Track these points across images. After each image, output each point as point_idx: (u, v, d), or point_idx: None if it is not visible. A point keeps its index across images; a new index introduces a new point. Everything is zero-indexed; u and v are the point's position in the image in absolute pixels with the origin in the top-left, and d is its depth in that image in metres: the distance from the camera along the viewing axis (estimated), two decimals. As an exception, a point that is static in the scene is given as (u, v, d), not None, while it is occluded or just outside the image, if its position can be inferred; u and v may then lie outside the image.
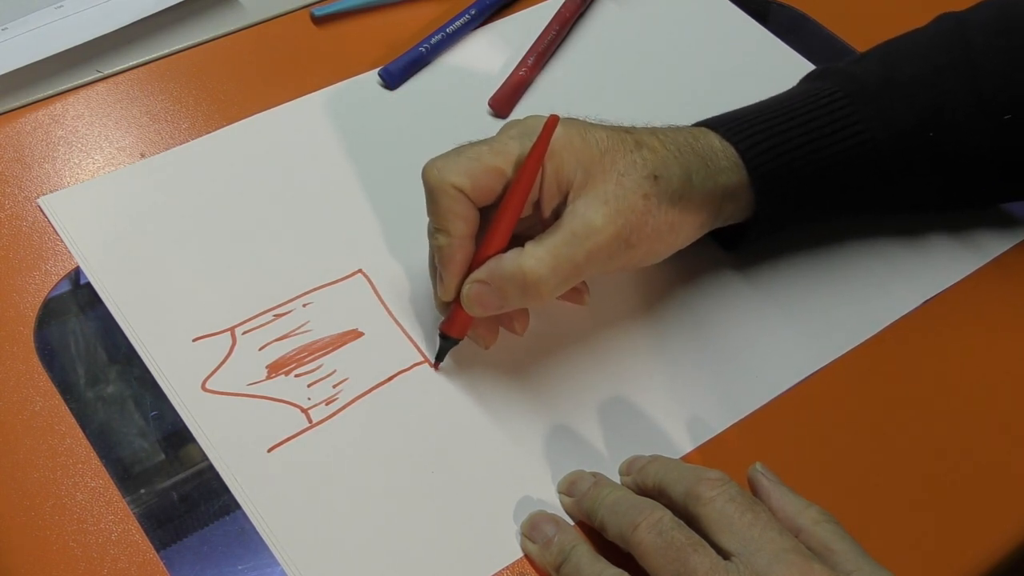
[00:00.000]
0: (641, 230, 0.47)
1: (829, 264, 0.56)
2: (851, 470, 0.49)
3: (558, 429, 0.49)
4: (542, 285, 0.46)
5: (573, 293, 0.50)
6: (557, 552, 0.43)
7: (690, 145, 0.50)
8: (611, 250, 0.47)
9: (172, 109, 0.60)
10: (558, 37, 0.66)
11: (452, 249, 0.47)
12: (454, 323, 0.49)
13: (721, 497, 0.41)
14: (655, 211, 0.47)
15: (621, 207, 0.46)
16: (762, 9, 0.70)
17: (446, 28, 0.65)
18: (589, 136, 0.47)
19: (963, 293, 0.56)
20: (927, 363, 0.53)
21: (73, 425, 0.47)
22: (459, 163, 0.46)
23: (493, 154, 0.47)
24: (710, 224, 0.51)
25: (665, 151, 0.49)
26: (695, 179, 0.49)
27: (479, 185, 0.46)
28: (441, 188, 0.46)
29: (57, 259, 0.53)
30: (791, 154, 0.51)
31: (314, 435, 0.47)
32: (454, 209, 0.46)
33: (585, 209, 0.46)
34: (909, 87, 0.53)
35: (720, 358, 0.52)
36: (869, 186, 0.53)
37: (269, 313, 0.51)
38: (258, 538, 0.44)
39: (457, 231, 0.46)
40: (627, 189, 0.47)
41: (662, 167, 0.48)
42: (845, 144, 0.52)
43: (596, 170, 0.47)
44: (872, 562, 0.41)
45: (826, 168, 0.52)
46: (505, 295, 0.46)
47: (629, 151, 0.48)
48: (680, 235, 0.49)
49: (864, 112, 0.52)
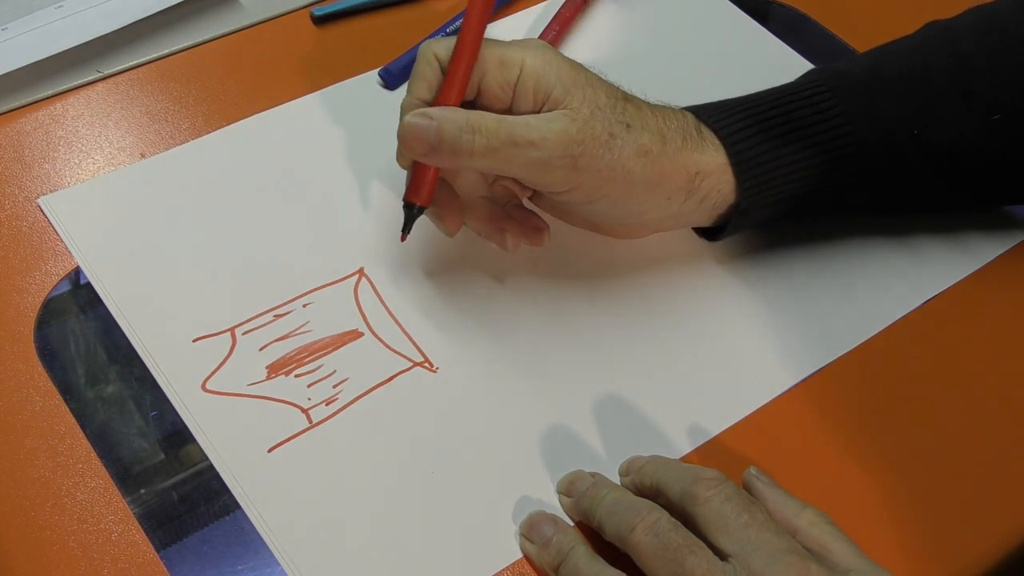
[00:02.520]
0: (593, 160, 0.47)
1: (828, 266, 0.56)
2: (850, 470, 0.49)
3: (558, 429, 0.49)
4: (477, 136, 0.46)
5: (532, 231, 0.51)
6: (556, 552, 0.43)
7: (675, 117, 0.51)
8: (554, 155, 0.47)
9: (172, 109, 0.60)
10: (558, 37, 0.66)
11: (408, 108, 0.48)
12: (414, 189, 0.49)
13: (718, 497, 0.41)
14: (616, 152, 0.48)
15: (583, 128, 0.47)
16: (762, 9, 0.70)
17: (446, 28, 0.65)
18: (581, 70, 0.49)
19: (962, 294, 0.56)
20: (925, 364, 0.53)
21: (73, 425, 0.47)
22: (446, 39, 0.49)
23: None
24: (681, 199, 0.50)
25: (648, 112, 0.50)
26: (669, 146, 0.49)
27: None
28: (422, 54, 0.49)
29: (57, 259, 0.53)
30: (772, 142, 0.51)
31: (314, 435, 0.48)
32: (424, 72, 0.49)
33: (551, 114, 0.47)
34: (895, 83, 0.53)
35: (719, 359, 0.52)
36: (848, 182, 0.53)
37: (269, 313, 0.51)
38: (258, 538, 0.44)
39: (418, 92, 0.49)
40: (598, 120, 0.47)
41: (639, 121, 0.49)
42: (827, 136, 0.52)
43: (576, 94, 0.48)
44: (869, 561, 0.41)
45: (808, 157, 0.52)
46: (441, 134, 0.46)
47: (615, 98, 0.49)
48: (639, 194, 0.49)
49: (847, 105, 0.52)
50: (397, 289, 0.53)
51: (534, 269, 0.54)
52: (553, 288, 0.54)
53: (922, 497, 0.48)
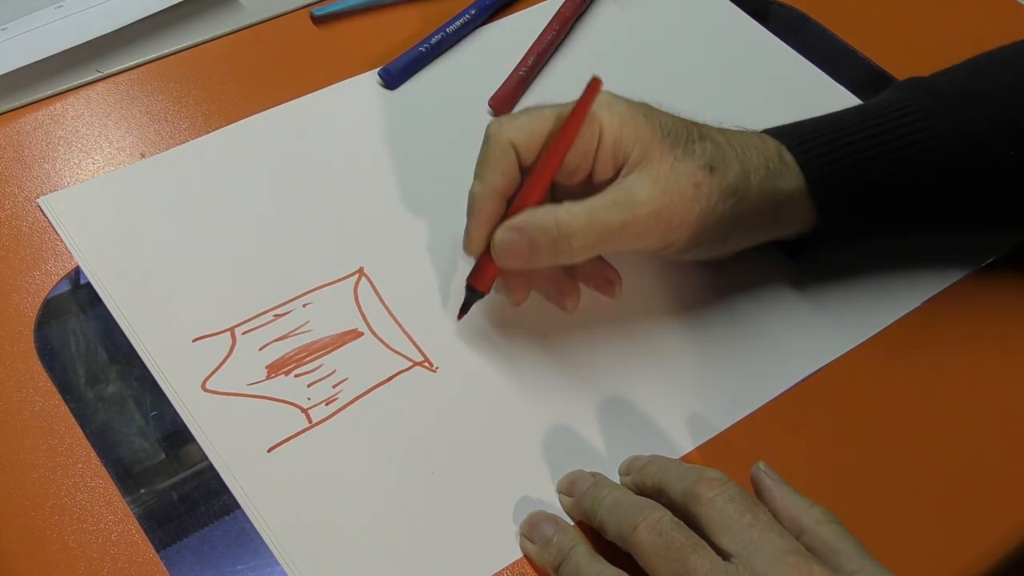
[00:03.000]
0: (685, 215, 0.47)
1: (828, 265, 0.56)
2: (851, 470, 0.49)
3: (558, 429, 0.49)
4: (573, 239, 0.46)
5: (605, 284, 0.51)
6: (556, 552, 0.43)
7: (755, 146, 0.50)
8: (648, 225, 0.47)
9: (172, 109, 0.60)
10: (558, 37, 0.66)
11: (482, 199, 0.47)
12: (480, 275, 0.49)
13: (720, 497, 0.41)
14: (704, 201, 0.47)
15: (669, 188, 0.47)
16: (762, 9, 0.70)
17: (446, 28, 0.65)
18: (653, 118, 0.48)
19: (963, 294, 0.56)
20: (927, 363, 0.53)
21: (73, 425, 0.47)
22: (521, 120, 0.48)
23: (555, 117, 0.47)
24: (766, 228, 0.50)
25: (728, 147, 0.49)
26: (753, 179, 0.48)
27: (533, 144, 0.47)
28: (496, 138, 0.47)
29: (57, 259, 0.53)
30: (856, 166, 0.50)
31: (314, 435, 0.47)
32: (498, 160, 0.47)
33: (633, 182, 0.47)
34: (990, 97, 0.51)
35: (720, 359, 0.52)
36: (935, 198, 0.51)
37: (269, 313, 0.51)
38: (258, 538, 0.44)
39: (492, 182, 0.47)
40: (680, 173, 0.47)
41: (720, 160, 0.48)
42: (912, 151, 0.50)
43: (653, 150, 0.47)
44: (875, 563, 0.41)
45: (891, 179, 0.50)
46: (536, 246, 0.46)
47: (692, 140, 0.48)
48: (729, 232, 0.49)
49: (935, 121, 0.51)
50: (397, 289, 0.53)
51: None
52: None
53: (923, 497, 0.48)
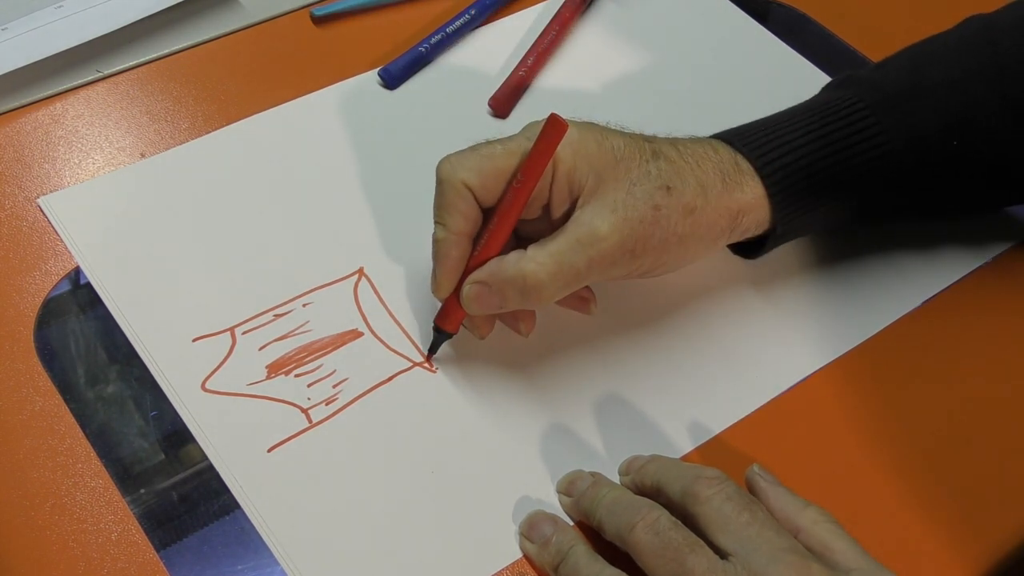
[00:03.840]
0: (647, 241, 0.47)
1: (828, 264, 0.56)
2: (851, 470, 0.49)
3: (558, 429, 0.49)
4: (543, 290, 0.46)
5: (579, 302, 0.50)
6: (555, 552, 0.43)
7: (708, 157, 0.49)
8: (614, 258, 0.46)
9: (172, 109, 0.60)
10: (558, 37, 0.66)
11: (447, 245, 0.47)
12: (447, 317, 0.49)
13: (718, 496, 0.41)
14: (664, 223, 0.47)
15: (629, 216, 0.46)
16: (762, 9, 0.70)
17: (446, 28, 0.65)
18: (605, 142, 0.47)
19: (963, 293, 0.56)
20: (927, 363, 0.53)
21: (73, 425, 0.47)
22: (471, 160, 0.46)
23: (507, 154, 0.46)
24: (724, 238, 0.50)
25: (683, 162, 0.48)
26: (710, 193, 0.48)
27: (486, 183, 0.46)
28: (449, 182, 0.46)
29: (57, 259, 0.53)
30: (810, 168, 0.50)
31: (314, 435, 0.47)
32: (456, 205, 0.46)
33: (592, 216, 0.46)
34: (935, 93, 0.51)
35: (720, 358, 0.52)
36: (889, 196, 0.52)
37: (269, 313, 0.51)
38: (258, 538, 0.44)
39: (455, 226, 0.46)
40: (637, 199, 0.46)
41: (677, 179, 0.47)
42: (865, 156, 0.51)
43: (608, 177, 0.46)
44: (872, 560, 0.41)
45: (845, 180, 0.51)
46: (505, 297, 0.47)
47: (645, 160, 0.47)
48: (689, 249, 0.49)
49: (886, 122, 0.51)
50: (397, 289, 0.53)
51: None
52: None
53: (923, 497, 0.48)
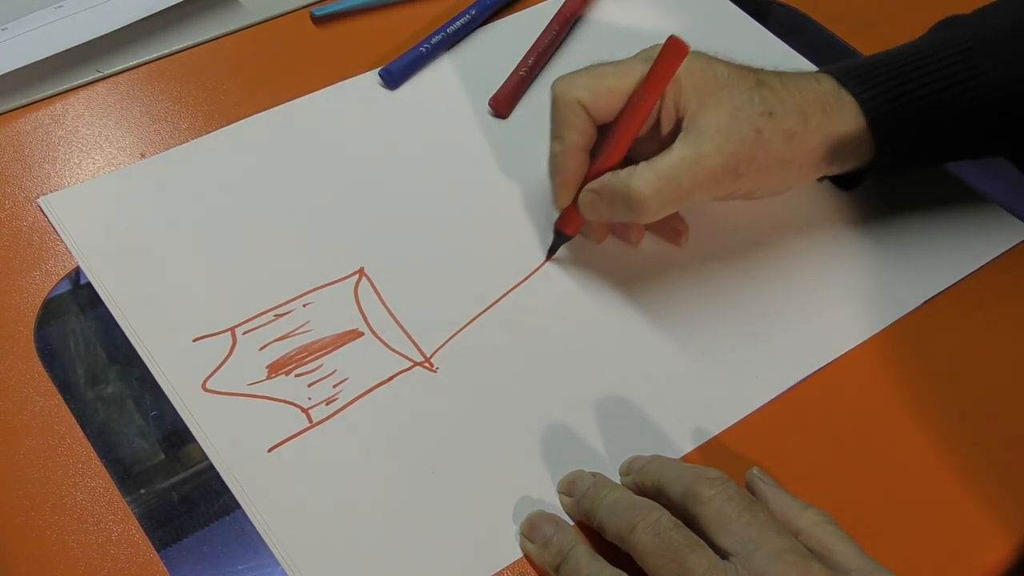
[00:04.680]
0: (750, 163, 0.49)
1: (828, 266, 0.56)
2: (851, 470, 0.49)
3: (558, 429, 0.49)
4: (646, 204, 0.48)
5: (672, 233, 0.55)
6: (556, 552, 0.43)
7: (811, 88, 0.51)
8: (717, 177, 0.49)
9: (172, 109, 0.60)
10: (558, 37, 0.66)
11: (563, 157, 0.51)
12: (567, 221, 0.53)
13: (719, 496, 0.41)
14: (766, 146, 0.49)
15: (732, 137, 0.48)
16: (762, 9, 0.70)
17: (446, 28, 0.65)
18: (710, 69, 0.50)
19: (963, 293, 0.56)
20: (927, 363, 0.53)
21: (73, 425, 0.47)
22: (583, 79, 0.50)
23: (618, 75, 0.50)
24: (825, 166, 0.52)
25: (785, 91, 0.50)
26: (811, 122, 0.50)
27: (599, 101, 0.50)
28: (563, 99, 0.50)
29: (57, 259, 0.53)
30: (912, 103, 0.51)
31: (314, 435, 0.47)
32: (570, 119, 0.50)
33: (696, 136, 0.48)
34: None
35: (720, 358, 0.52)
36: (989, 136, 0.53)
37: (269, 313, 0.51)
38: (258, 538, 0.44)
39: (570, 140, 0.50)
40: (740, 122, 0.48)
41: (779, 105, 0.49)
42: (967, 95, 0.52)
43: (712, 101, 0.49)
44: (872, 561, 0.41)
45: (948, 118, 0.52)
46: (614, 207, 0.50)
47: (748, 88, 0.50)
48: (791, 172, 0.51)
49: (993, 59, 0.52)
50: (397, 289, 0.53)
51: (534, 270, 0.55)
52: (553, 288, 0.54)
53: (923, 497, 0.48)
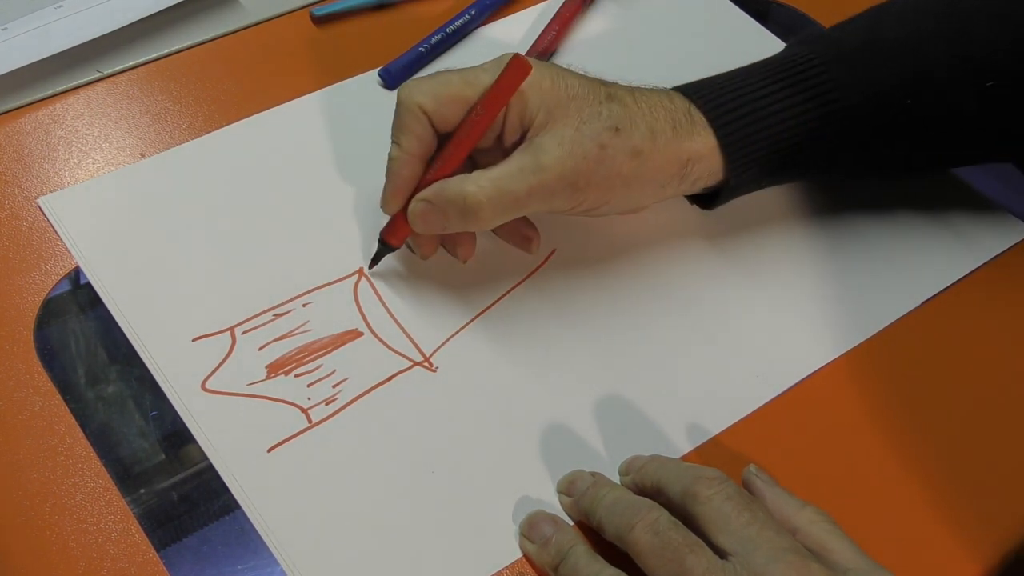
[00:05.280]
0: (590, 177, 0.48)
1: (827, 266, 0.56)
2: (850, 470, 0.49)
3: (558, 429, 0.49)
4: (480, 211, 0.48)
5: (522, 240, 0.53)
6: (555, 552, 0.43)
7: (662, 105, 0.51)
8: (554, 189, 0.48)
9: (172, 109, 0.60)
10: (558, 37, 0.66)
11: (399, 163, 0.49)
12: (393, 231, 0.51)
13: (718, 496, 0.41)
14: (608, 162, 0.48)
15: (574, 151, 0.48)
16: (762, 9, 0.70)
17: (446, 28, 0.65)
18: (559, 80, 0.49)
19: (963, 293, 0.56)
20: (927, 363, 0.53)
21: (73, 425, 0.47)
22: (428, 85, 0.49)
23: (463, 83, 0.49)
24: (675, 185, 0.51)
25: (635, 107, 0.50)
26: (659, 139, 0.49)
27: (441, 109, 0.48)
28: (405, 104, 0.49)
29: (57, 259, 0.53)
30: (762, 122, 0.51)
31: (314, 435, 0.48)
32: (410, 125, 0.49)
33: (537, 147, 0.48)
34: (891, 50, 0.52)
35: (719, 358, 0.52)
36: (842, 152, 0.53)
37: (269, 313, 0.51)
38: (258, 538, 0.44)
39: (408, 146, 0.49)
40: (584, 135, 0.48)
41: (627, 121, 0.49)
42: (819, 112, 0.51)
43: (559, 113, 0.48)
44: (869, 560, 0.41)
45: (798, 134, 0.52)
46: (447, 216, 0.49)
47: (598, 102, 0.49)
48: (635, 190, 0.50)
49: (840, 78, 0.52)
50: (397, 289, 0.53)
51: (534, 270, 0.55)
52: (553, 288, 0.54)
53: (922, 497, 0.48)
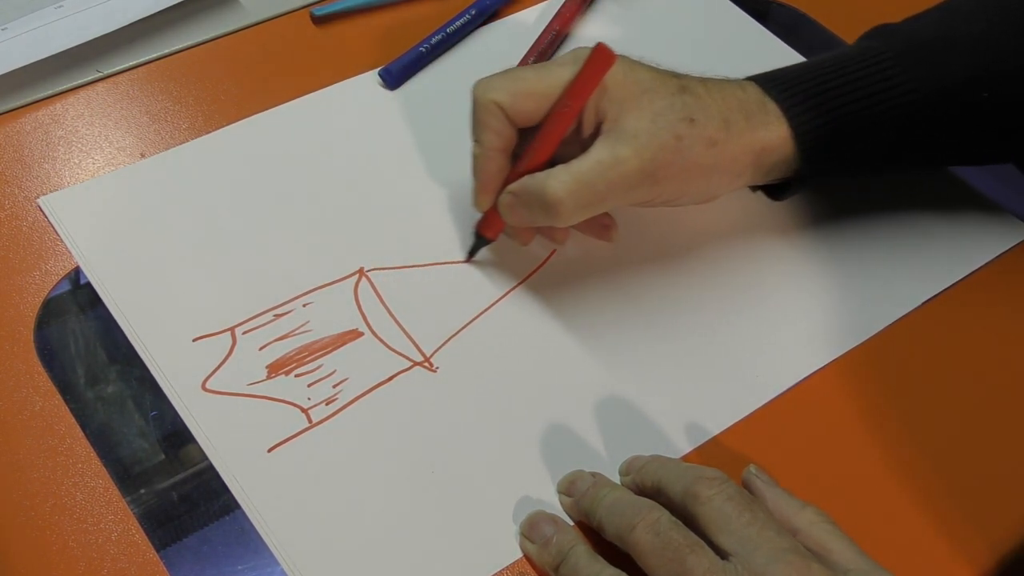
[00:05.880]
0: (669, 168, 0.49)
1: (829, 264, 0.56)
2: (850, 470, 0.49)
3: (558, 429, 0.49)
4: (560, 207, 0.48)
5: (600, 229, 0.53)
6: (556, 552, 0.43)
7: (735, 96, 0.51)
8: (633, 182, 0.48)
9: (172, 109, 0.60)
10: (558, 37, 0.66)
11: (483, 160, 0.50)
12: (487, 224, 0.53)
13: (719, 496, 0.41)
14: (686, 152, 0.49)
15: (651, 143, 0.48)
16: (762, 9, 0.70)
17: (446, 28, 0.65)
18: (632, 74, 0.49)
19: (963, 293, 0.56)
20: (927, 363, 0.53)
21: (73, 425, 0.47)
22: (502, 81, 0.50)
23: (537, 79, 0.50)
24: (749, 175, 0.52)
25: (708, 98, 0.50)
26: (733, 129, 0.50)
27: (517, 104, 0.49)
28: (481, 101, 0.50)
29: (57, 259, 0.53)
30: (835, 112, 0.51)
31: (314, 435, 0.47)
32: (489, 122, 0.50)
33: (615, 140, 0.48)
34: (963, 44, 0.53)
35: (720, 358, 0.52)
36: (914, 144, 0.53)
37: (269, 313, 0.51)
38: (258, 538, 0.44)
39: (488, 143, 0.50)
40: (660, 127, 0.48)
41: (701, 112, 0.49)
42: (892, 103, 0.52)
43: (632, 106, 0.49)
44: (870, 561, 0.41)
45: (872, 126, 0.52)
46: (531, 211, 0.49)
47: (671, 93, 0.49)
48: (712, 180, 0.51)
49: (912, 71, 0.52)
50: (397, 289, 0.53)
51: (534, 270, 0.55)
52: (553, 288, 0.54)
53: (922, 497, 0.48)
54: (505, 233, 0.53)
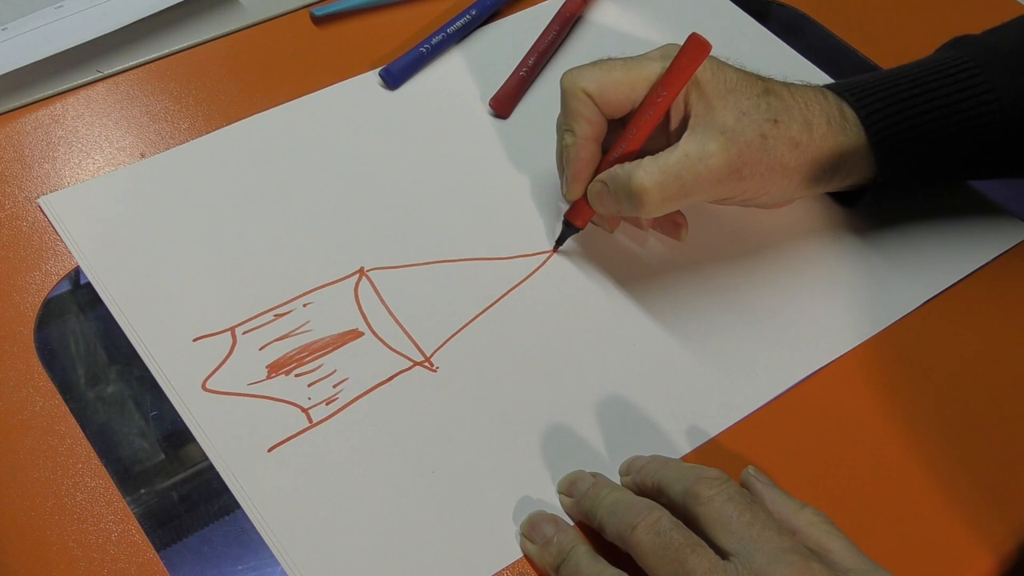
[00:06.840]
0: (755, 166, 0.49)
1: (829, 264, 0.56)
2: (850, 471, 0.49)
3: (558, 429, 0.49)
4: (647, 197, 0.49)
5: (672, 227, 0.54)
6: (556, 552, 0.43)
7: (817, 101, 0.52)
8: (720, 177, 0.49)
9: (172, 109, 0.60)
10: (558, 37, 0.66)
11: (575, 148, 0.51)
12: (577, 213, 0.54)
13: (719, 496, 0.41)
14: (771, 151, 0.49)
15: (737, 139, 0.49)
16: (762, 9, 0.70)
17: (446, 28, 0.65)
18: (720, 72, 0.50)
19: (963, 293, 0.56)
20: (927, 363, 0.53)
21: (73, 425, 0.47)
22: (591, 71, 0.51)
23: (626, 69, 0.51)
24: (826, 179, 0.52)
25: (792, 101, 0.51)
26: (815, 133, 0.51)
27: (606, 94, 0.50)
28: (571, 91, 0.51)
29: (57, 259, 0.53)
30: (913, 120, 0.52)
31: (314, 435, 0.47)
32: (580, 111, 0.51)
33: (703, 135, 0.49)
34: None
35: (720, 358, 0.52)
36: (995, 154, 0.54)
37: (269, 313, 0.51)
38: (258, 538, 0.44)
39: (580, 131, 0.51)
40: (746, 125, 0.49)
41: (784, 114, 0.50)
42: (971, 112, 0.52)
43: (719, 103, 0.49)
44: (869, 561, 0.41)
45: (951, 135, 0.52)
46: (618, 200, 0.50)
47: (756, 94, 0.50)
48: (793, 181, 0.51)
49: (994, 81, 0.52)
50: (397, 289, 0.53)
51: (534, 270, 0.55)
52: (553, 288, 0.54)
53: (922, 497, 0.48)
54: (593, 222, 0.54)
